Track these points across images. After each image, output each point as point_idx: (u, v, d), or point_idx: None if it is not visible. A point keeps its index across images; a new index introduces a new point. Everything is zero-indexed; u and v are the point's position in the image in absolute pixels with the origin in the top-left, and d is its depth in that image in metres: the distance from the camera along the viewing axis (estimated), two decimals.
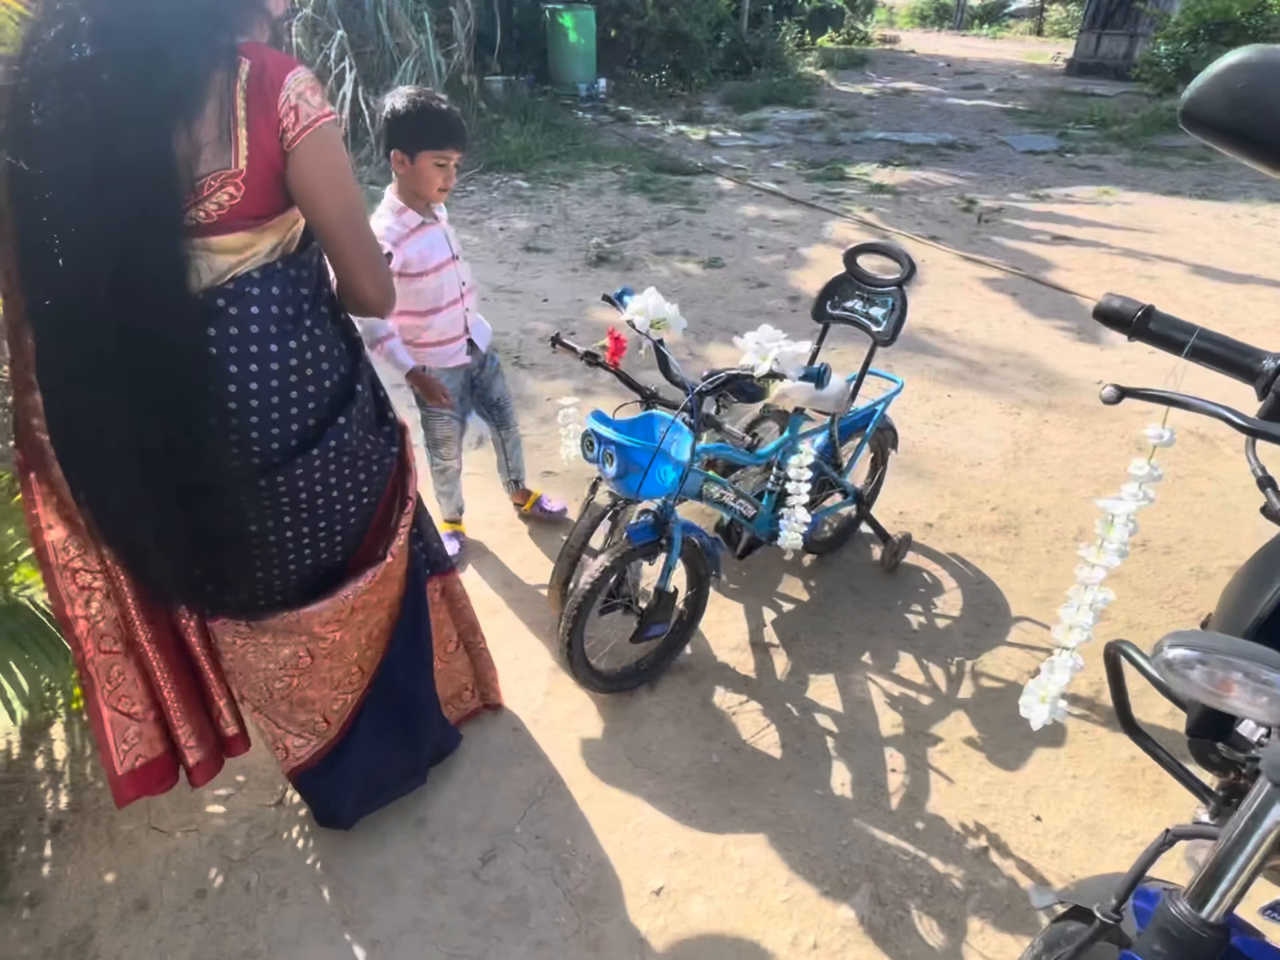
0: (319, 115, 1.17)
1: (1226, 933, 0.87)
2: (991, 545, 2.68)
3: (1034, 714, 1.18)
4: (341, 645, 1.57)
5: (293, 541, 1.42)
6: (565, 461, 2.16)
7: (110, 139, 1.05)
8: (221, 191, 1.14)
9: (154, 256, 1.11)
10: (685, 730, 2.03)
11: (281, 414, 1.29)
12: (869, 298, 2.21)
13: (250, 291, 1.22)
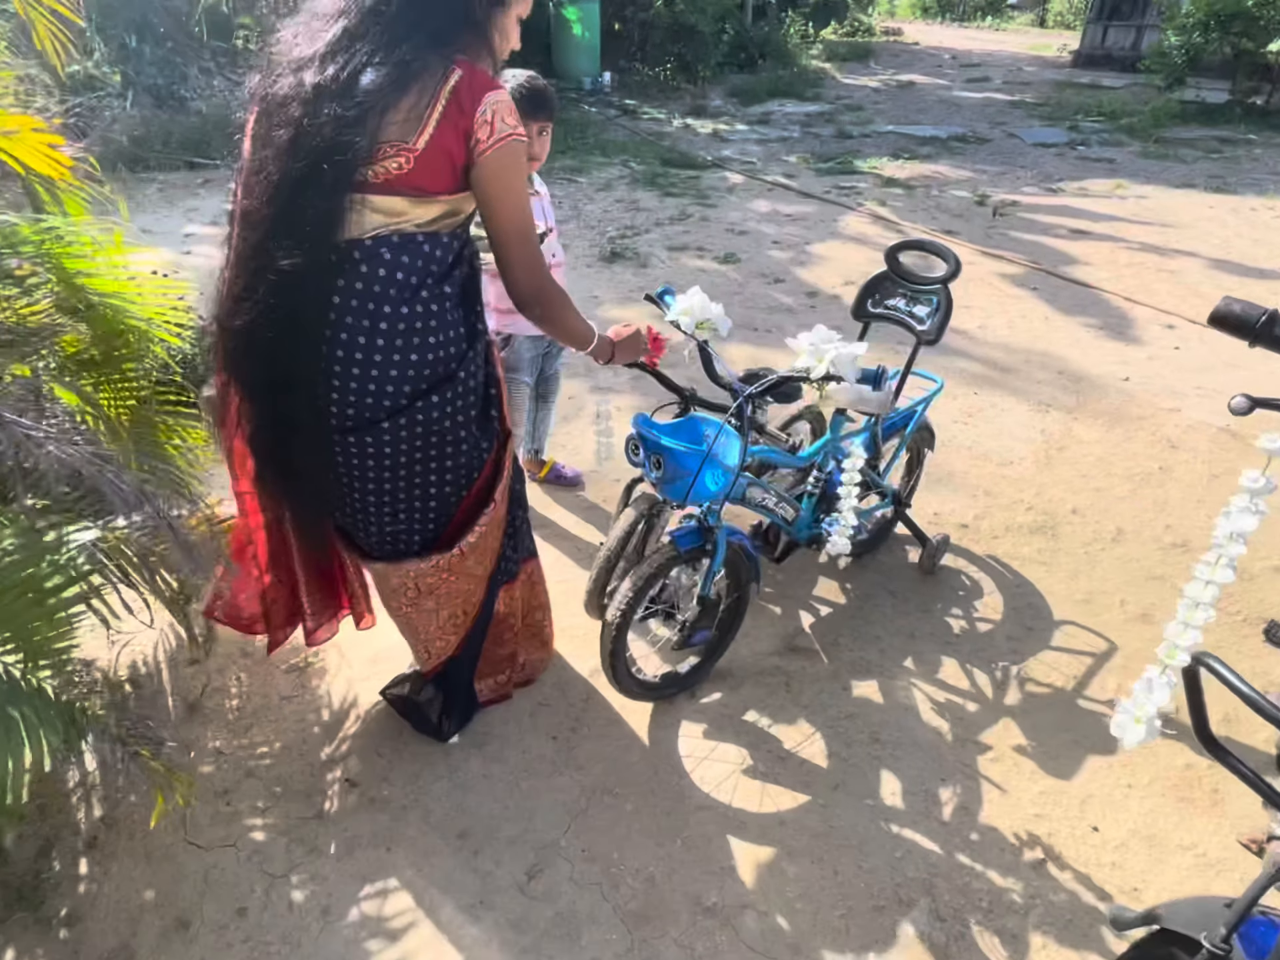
0: (510, 133, 1.34)
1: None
2: (1029, 546, 2.64)
3: (1128, 734, 1.13)
4: (410, 619, 1.75)
5: (373, 497, 1.55)
6: (599, 464, 2.11)
7: (314, 111, 1.28)
8: (393, 159, 1.30)
9: (317, 202, 1.28)
10: (729, 738, 1.99)
11: (380, 373, 1.41)
12: (912, 296, 2.16)
13: (383, 254, 1.35)
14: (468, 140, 1.33)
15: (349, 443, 1.48)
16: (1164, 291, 4.74)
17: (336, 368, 1.40)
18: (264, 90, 1.37)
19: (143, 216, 5.72)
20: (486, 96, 1.32)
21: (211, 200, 6.00)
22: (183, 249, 5.13)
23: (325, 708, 2.06)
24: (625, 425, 3.08)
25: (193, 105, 7.84)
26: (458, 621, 1.78)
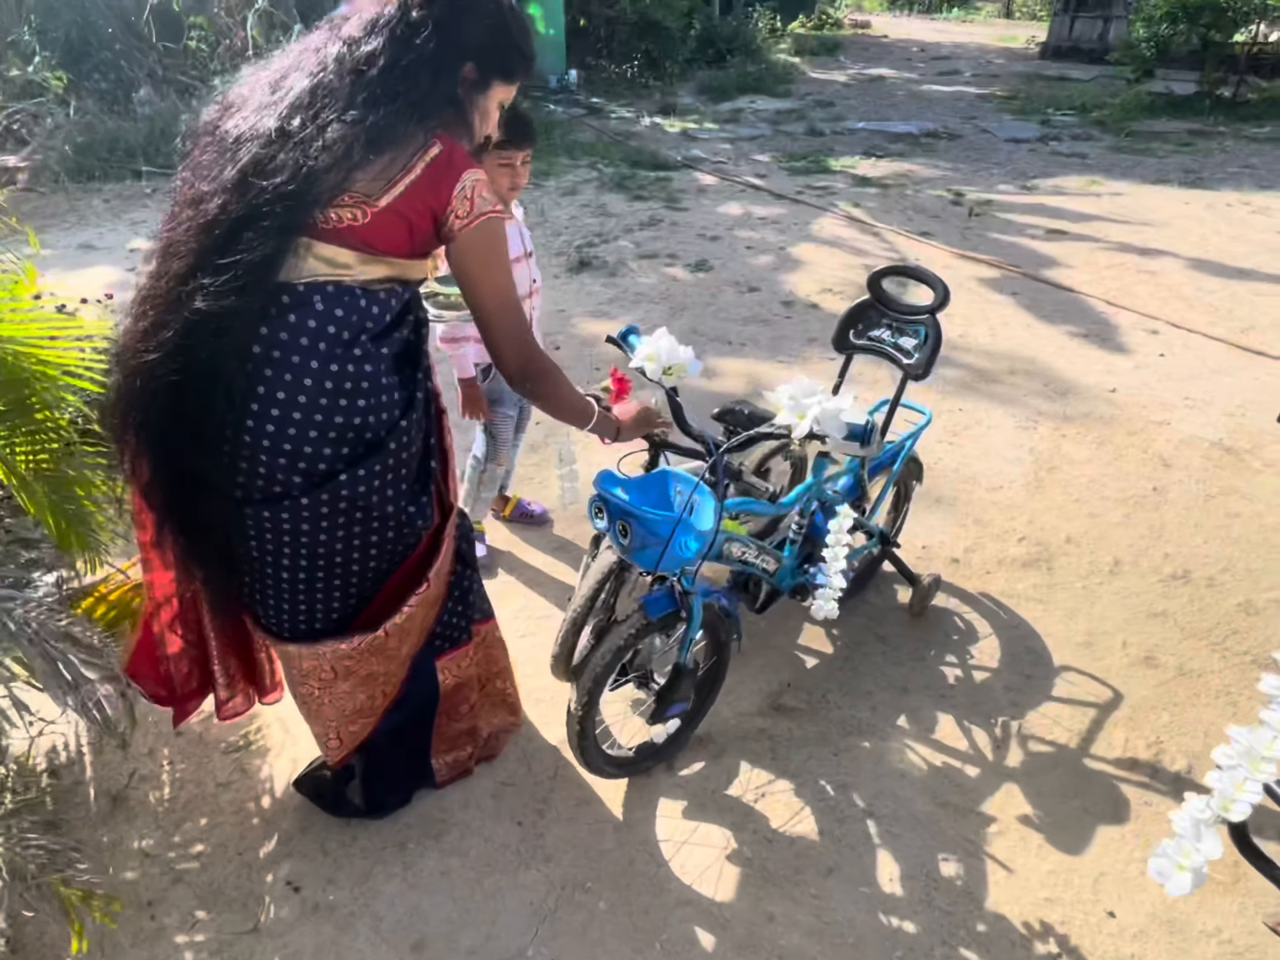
0: (489, 210, 1.31)
1: None
2: (1023, 582, 2.49)
3: (1171, 882, 0.98)
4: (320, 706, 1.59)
5: (286, 574, 1.42)
6: (563, 508, 1.93)
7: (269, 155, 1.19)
8: (349, 209, 1.23)
9: (260, 237, 1.18)
10: (711, 818, 1.82)
11: (299, 434, 1.29)
12: (898, 327, 2.00)
13: (315, 302, 1.26)
14: (439, 216, 1.29)
15: (262, 516, 1.35)
16: (1145, 294, 4.63)
17: (250, 423, 1.28)
18: (215, 126, 1.29)
19: (86, 231, 5.44)
20: (465, 174, 1.29)
21: (160, 212, 5.72)
22: (128, 265, 4.86)
23: (266, 794, 1.87)
24: (590, 465, 2.90)
25: (141, 111, 7.51)
26: (375, 704, 1.63)
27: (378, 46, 1.25)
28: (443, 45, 1.27)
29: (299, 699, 1.61)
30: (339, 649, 1.50)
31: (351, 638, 1.49)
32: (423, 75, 1.26)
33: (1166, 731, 2.02)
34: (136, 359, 1.25)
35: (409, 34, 1.25)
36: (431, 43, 1.26)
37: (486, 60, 1.34)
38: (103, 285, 4.78)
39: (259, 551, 1.40)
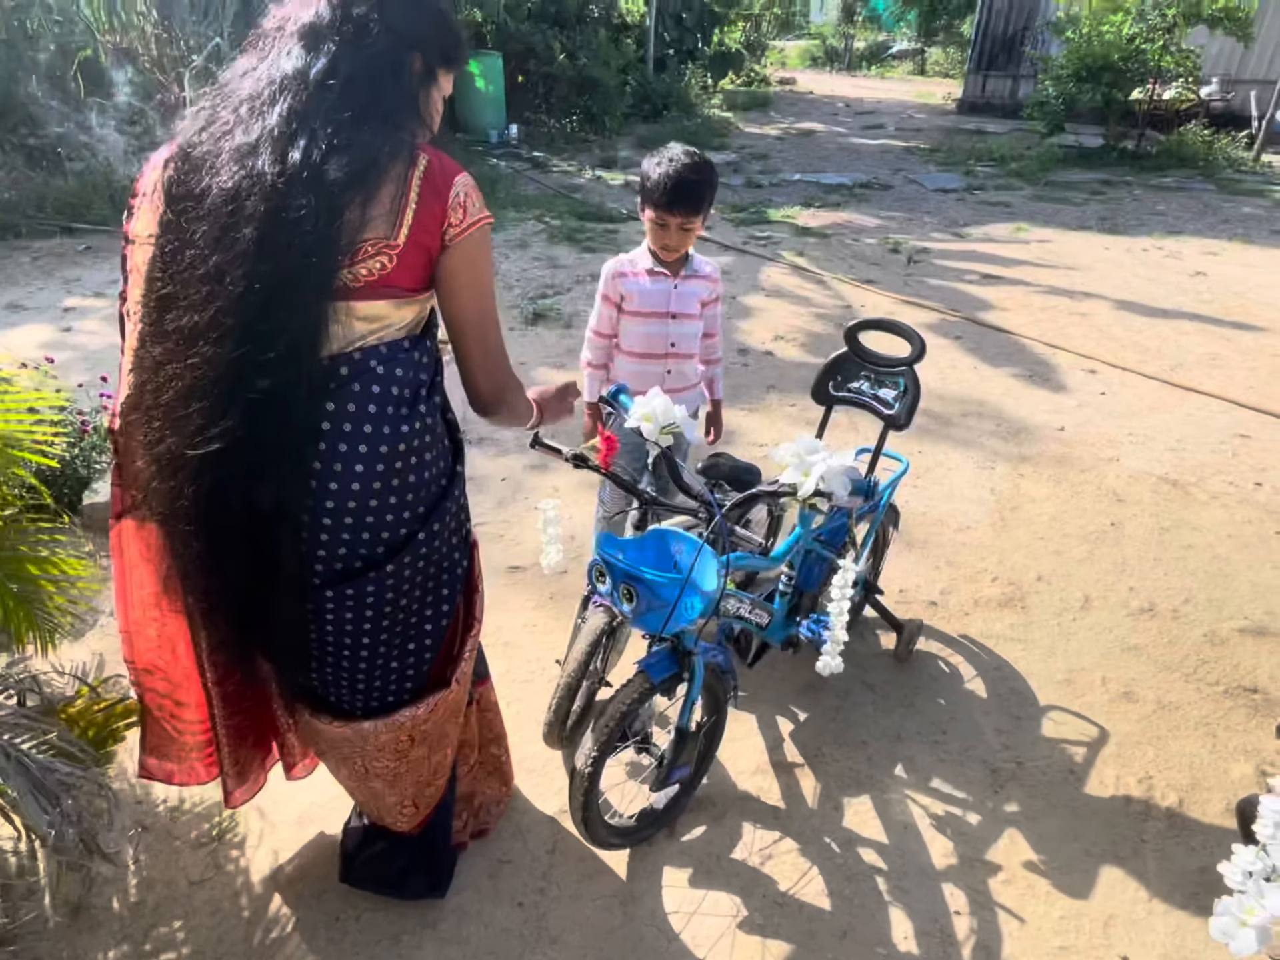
0: (480, 217, 1.24)
1: None
2: (1001, 622, 2.53)
3: (1238, 942, 0.97)
4: (398, 776, 1.50)
5: (365, 651, 1.35)
6: (545, 570, 1.89)
7: (282, 205, 1.09)
8: (375, 259, 1.16)
9: (297, 312, 1.11)
10: (718, 884, 1.77)
11: (380, 501, 1.23)
12: (877, 378, 2.04)
13: (375, 367, 1.20)
14: (441, 227, 1.21)
15: (345, 594, 1.28)
16: (1079, 335, 4.86)
17: (328, 503, 1.21)
18: (184, 181, 1.16)
19: (14, 290, 5.22)
20: (455, 180, 1.21)
21: (95, 270, 5.55)
22: (62, 324, 4.69)
23: (244, 893, 1.74)
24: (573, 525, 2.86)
25: (70, 165, 7.32)
26: (448, 761, 1.58)
27: (333, 55, 1.16)
28: (393, 42, 1.20)
29: (365, 778, 1.52)
30: (417, 714, 1.44)
31: (428, 699, 1.45)
32: (385, 80, 1.20)
33: (1154, 766, 2.05)
34: (193, 454, 1.13)
35: (359, 35, 1.17)
36: (382, 41, 1.18)
37: (431, 50, 1.26)
38: (34, 345, 4.60)
39: (336, 632, 1.32)
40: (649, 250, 2.12)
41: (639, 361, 2.17)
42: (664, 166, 1.96)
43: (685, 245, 2.05)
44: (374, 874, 1.70)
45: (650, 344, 2.14)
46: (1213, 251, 6.59)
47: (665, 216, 1.98)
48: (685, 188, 1.94)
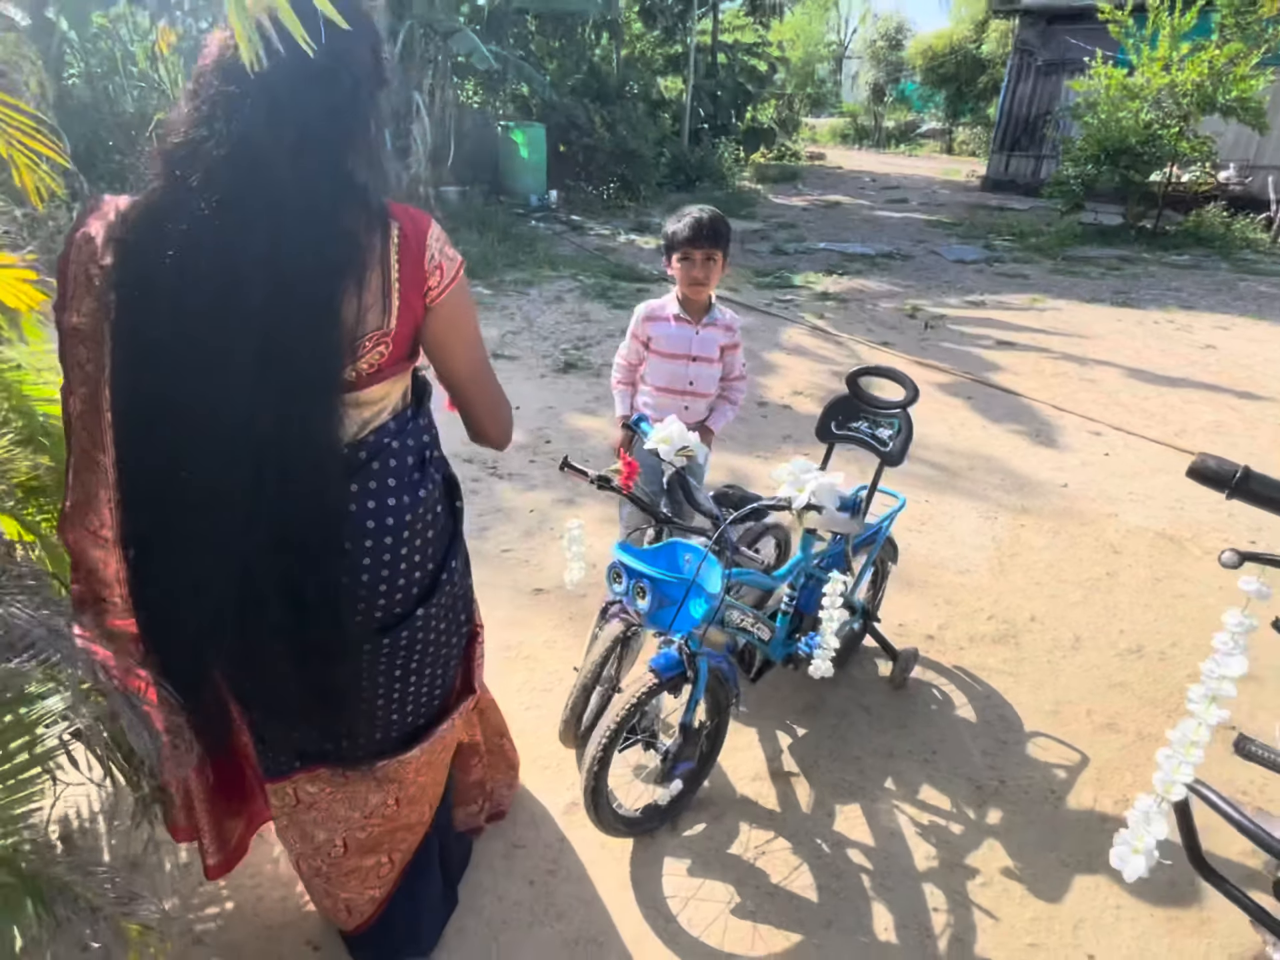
0: (456, 270, 1.20)
1: None
2: (994, 657, 2.68)
3: (1130, 867, 1.13)
4: (424, 788, 1.55)
5: (411, 689, 1.41)
6: (569, 585, 2.09)
7: (281, 306, 1.03)
8: (374, 350, 1.14)
9: (313, 413, 1.08)
10: (715, 874, 1.92)
11: (408, 564, 1.28)
12: (874, 420, 2.25)
13: (390, 444, 1.23)
14: (423, 291, 1.17)
15: (381, 643, 1.32)
16: (1088, 399, 5.05)
17: (364, 576, 1.24)
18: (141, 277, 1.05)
19: None
20: (427, 238, 1.16)
21: None
22: None
23: (284, 858, 1.92)
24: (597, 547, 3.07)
25: None
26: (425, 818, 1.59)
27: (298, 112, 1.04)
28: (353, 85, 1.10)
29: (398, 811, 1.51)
30: (455, 723, 1.52)
31: (460, 708, 1.53)
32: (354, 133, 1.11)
33: (1131, 789, 2.18)
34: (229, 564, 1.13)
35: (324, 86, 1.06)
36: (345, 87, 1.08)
37: (373, 80, 1.15)
38: None
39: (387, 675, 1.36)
40: (677, 299, 2.38)
41: (661, 395, 2.42)
42: (685, 217, 2.26)
43: (712, 279, 2.29)
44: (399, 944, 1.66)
45: (672, 381, 2.39)
46: (1224, 326, 6.79)
47: (691, 251, 2.23)
48: (705, 225, 2.22)
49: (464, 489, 1.61)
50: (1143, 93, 9.83)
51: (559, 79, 12.41)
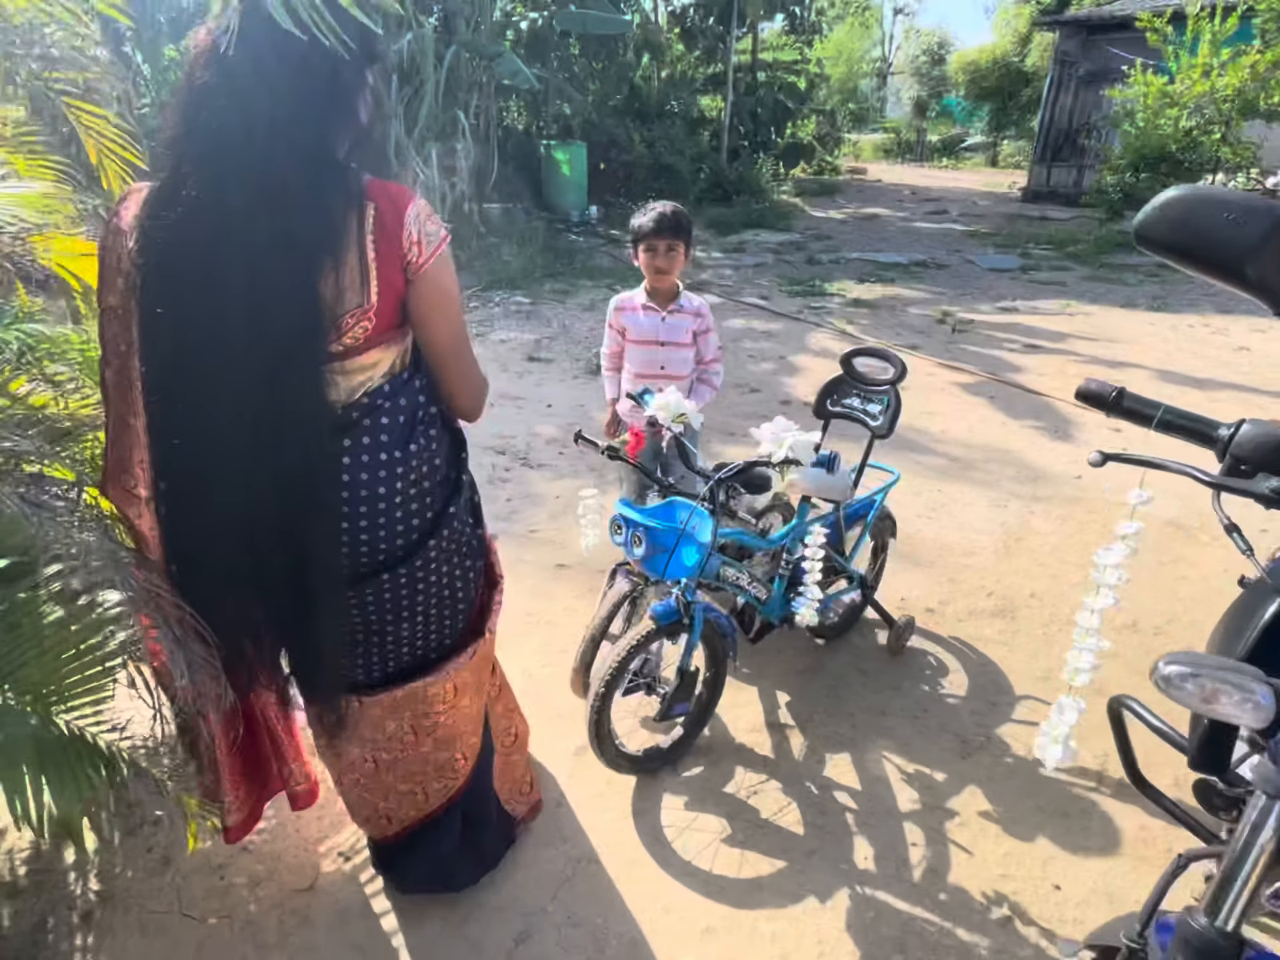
0: (438, 244, 1.27)
1: (1241, 941, 0.96)
2: (991, 628, 2.79)
3: (1048, 754, 1.28)
4: (444, 727, 1.62)
5: (418, 627, 1.50)
6: (585, 551, 2.28)
7: (262, 287, 1.14)
8: (357, 327, 1.23)
9: (298, 387, 1.20)
10: (709, 809, 2.08)
11: (403, 510, 1.37)
12: (866, 396, 2.41)
13: (381, 404, 1.31)
14: (402, 266, 1.25)
15: (382, 581, 1.41)
16: None
17: (362, 521, 1.35)
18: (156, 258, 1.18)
19: None
20: (406, 216, 1.23)
21: None
22: None
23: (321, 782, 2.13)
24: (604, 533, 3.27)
25: None
26: (480, 712, 1.71)
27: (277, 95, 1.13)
28: (332, 66, 1.17)
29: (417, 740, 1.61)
30: (459, 663, 1.58)
31: (468, 648, 1.60)
32: (332, 114, 1.19)
33: (1111, 747, 2.26)
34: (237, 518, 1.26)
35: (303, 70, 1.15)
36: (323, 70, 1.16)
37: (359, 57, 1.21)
38: None
39: (381, 612, 1.45)
40: (645, 290, 2.58)
41: (638, 380, 2.60)
42: (649, 212, 2.44)
43: (674, 268, 2.47)
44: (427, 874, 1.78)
45: (645, 365, 2.58)
46: (1260, 329, 6.73)
47: (654, 242, 2.41)
48: (667, 218, 2.40)
49: (496, 477, 1.78)
50: (1182, 99, 9.78)
51: (600, 99, 12.78)
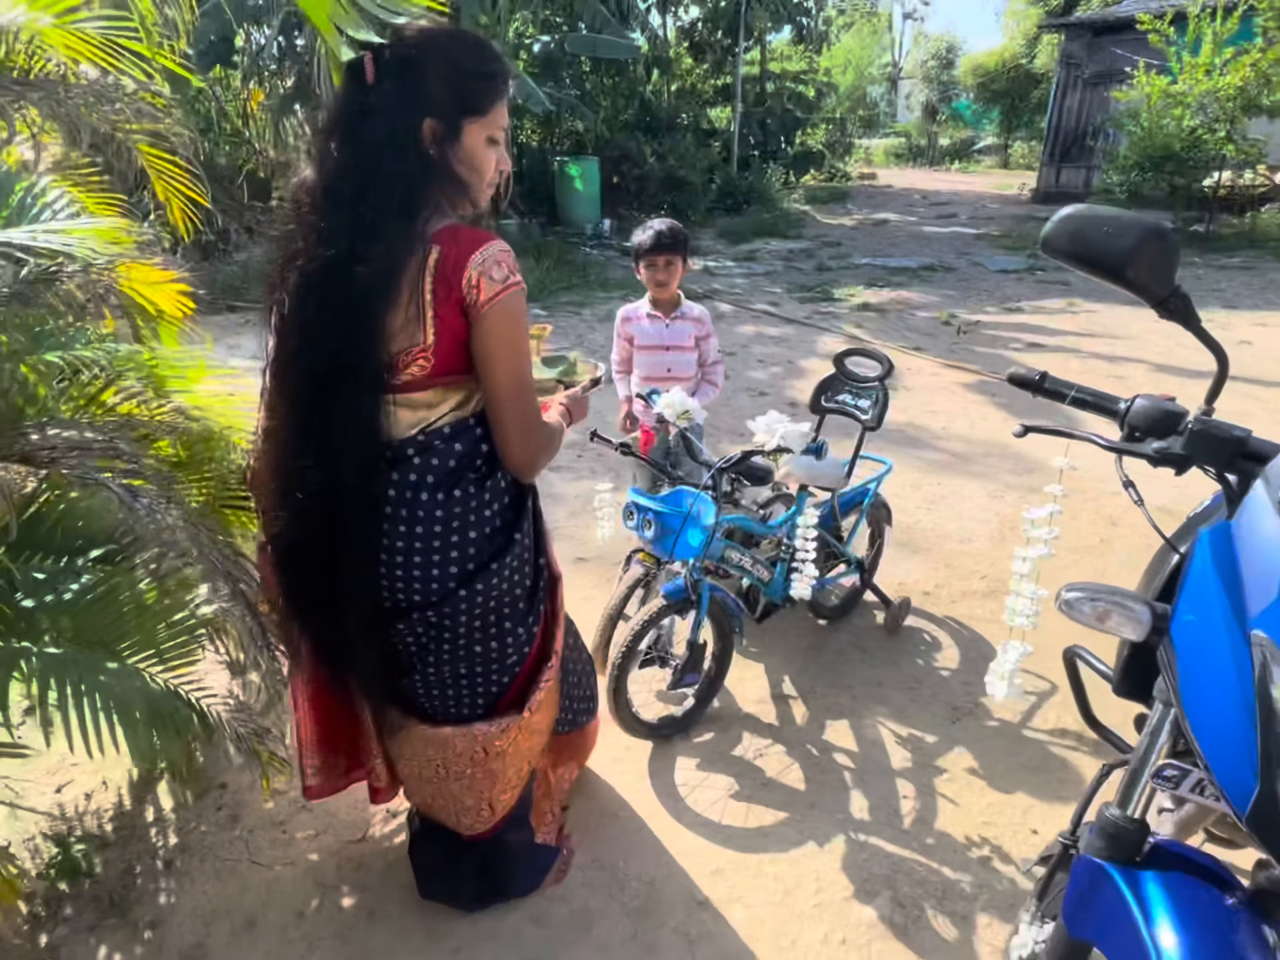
0: (502, 289, 1.29)
1: (1145, 827, 1.15)
2: (983, 609, 2.98)
3: (996, 689, 1.48)
4: (477, 782, 1.66)
5: (434, 672, 1.55)
6: (600, 542, 2.50)
7: (330, 319, 1.29)
8: (414, 365, 1.30)
9: (347, 407, 1.30)
10: (719, 770, 2.29)
11: (440, 558, 1.41)
12: (857, 392, 2.62)
13: (437, 445, 1.37)
14: (463, 310, 1.29)
15: (414, 620, 1.47)
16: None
17: (399, 558, 1.41)
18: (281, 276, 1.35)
19: None
20: (470, 259, 1.27)
21: (252, 338, 6.69)
22: None
23: None
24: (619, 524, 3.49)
25: (236, 256, 8.77)
26: (523, 774, 1.75)
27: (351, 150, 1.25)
28: (398, 117, 1.24)
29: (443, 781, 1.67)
30: (489, 730, 1.60)
31: (500, 720, 1.61)
32: (394, 164, 1.24)
33: None
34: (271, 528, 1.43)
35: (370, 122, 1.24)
36: (386, 121, 1.23)
37: (442, 107, 1.27)
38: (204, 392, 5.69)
39: (420, 649, 1.52)
40: (649, 300, 2.79)
41: (646, 383, 2.80)
42: (648, 230, 2.63)
43: (673, 279, 2.68)
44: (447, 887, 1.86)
45: (652, 369, 2.80)
46: (1263, 323, 6.85)
47: (654, 258, 2.62)
48: (664, 235, 2.59)
49: None
50: (1185, 99, 9.90)
51: (612, 115, 13.10)
